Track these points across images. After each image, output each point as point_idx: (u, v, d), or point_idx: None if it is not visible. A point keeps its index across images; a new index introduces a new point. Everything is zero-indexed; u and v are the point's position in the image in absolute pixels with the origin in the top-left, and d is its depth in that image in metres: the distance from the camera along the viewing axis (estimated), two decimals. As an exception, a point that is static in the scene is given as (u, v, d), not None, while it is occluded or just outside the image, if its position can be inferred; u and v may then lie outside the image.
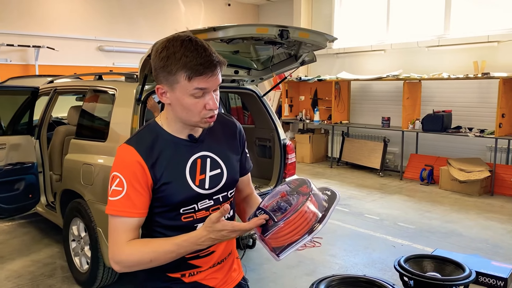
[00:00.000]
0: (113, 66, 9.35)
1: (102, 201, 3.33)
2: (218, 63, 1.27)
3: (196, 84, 1.26)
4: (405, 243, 4.76)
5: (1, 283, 3.78)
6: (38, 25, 8.47)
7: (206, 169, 1.40)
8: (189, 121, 1.35)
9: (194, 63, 1.23)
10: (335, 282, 1.53)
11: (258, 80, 4.15)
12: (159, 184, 1.32)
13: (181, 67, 1.24)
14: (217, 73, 1.28)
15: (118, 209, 1.29)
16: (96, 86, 3.91)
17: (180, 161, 1.37)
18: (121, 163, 1.31)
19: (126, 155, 1.32)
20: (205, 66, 1.24)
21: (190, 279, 1.42)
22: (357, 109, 9.53)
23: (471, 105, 7.58)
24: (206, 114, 1.32)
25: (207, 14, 10.98)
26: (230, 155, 1.50)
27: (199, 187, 1.38)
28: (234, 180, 1.50)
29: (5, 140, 3.93)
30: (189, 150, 1.40)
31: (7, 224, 5.33)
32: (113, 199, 1.29)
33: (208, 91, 1.30)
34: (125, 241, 1.29)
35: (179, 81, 1.26)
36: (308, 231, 1.21)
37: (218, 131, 1.49)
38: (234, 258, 1.57)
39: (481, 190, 6.82)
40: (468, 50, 7.54)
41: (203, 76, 1.25)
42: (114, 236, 1.30)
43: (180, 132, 1.39)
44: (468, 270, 2.31)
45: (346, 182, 7.85)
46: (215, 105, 1.31)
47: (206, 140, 1.44)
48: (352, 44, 9.53)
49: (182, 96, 1.29)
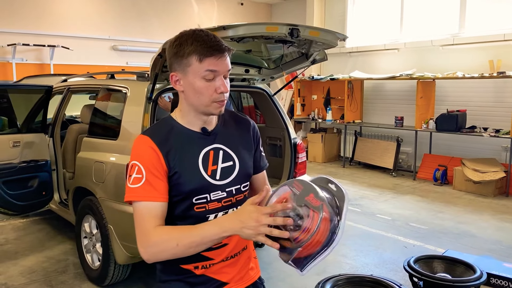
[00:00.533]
0: (127, 65, 9.44)
1: (113, 198, 3.36)
2: (226, 48, 1.36)
3: (206, 65, 1.33)
4: (417, 244, 4.71)
5: (15, 278, 3.85)
6: (53, 25, 8.59)
7: (218, 160, 1.44)
8: (201, 107, 1.39)
9: (204, 46, 1.32)
10: (341, 282, 1.53)
11: (269, 79, 4.14)
12: (173, 172, 1.36)
13: (193, 49, 1.33)
14: (225, 57, 1.36)
15: (141, 195, 1.32)
16: (108, 85, 3.95)
17: (193, 152, 1.41)
18: (138, 152, 1.37)
19: (142, 144, 1.37)
20: (214, 48, 1.33)
21: (202, 272, 1.43)
22: (370, 109, 9.46)
23: (486, 105, 7.46)
24: (217, 97, 1.37)
25: (220, 13, 11.00)
26: (243, 150, 1.53)
27: (211, 177, 1.41)
28: (246, 174, 1.52)
29: (20, 138, 3.99)
30: (202, 142, 1.44)
31: (21, 221, 5.42)
32: (135, 186, 1.33)
33: (219, 74, 1.36)
34: (152, 227, 1.30)
35: (191, 64, 1.34)
36: (326, 242, 1.17)
37: (232, 127, 1.54)
38: (250, 256, 1.57)
39: (496, 191, 6.71)
40: (484, 48, 7.43)
41: (213, 57, 1.33)
42: (140, 223, 1.32)
43: (193, 124, 1.44)
44: (479, 271, 2.27)
45: (358, 182, 7.80)
46: (225, 88, 1.37)
47: (219, 134, 1.48)
48: (365, 43, 9.46)
49: (194, 80, 1.35)
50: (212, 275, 1.45)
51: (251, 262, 1.57)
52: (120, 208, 3.28)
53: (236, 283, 1.49)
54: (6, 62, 8.11)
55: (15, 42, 7.92)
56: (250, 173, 1.54)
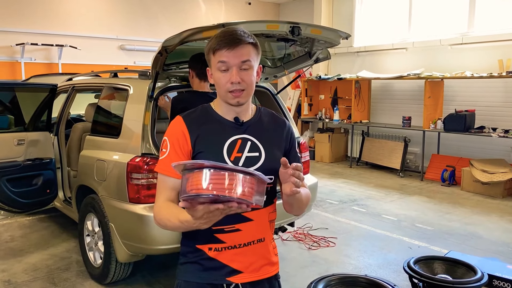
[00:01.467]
0: (134, 64, 9.48)
1: (115, 197, 3.37)
2: (242, 41, 1.43)
3: (218, 57, 1.44)
4: (422, 245, 4.65)
5: (18, 275, 3.88)
6: (61, 25, 8.65)
7: (244, 149, 1.50)
8: (222, 97, 1.50)
9: (217, 40, 1.44)
10: (334, 282, 1.50)
11: (272, 77, 4.12)
12: (196, 152, 1.48)
13: (210, 45, 1.46)
14: (238, 48, 1.43)
15: (161, 167, 1.49)
16: (111, 84, 3.96)
17: (221, 137, 1.50)
18: (170, 129, 1.53)
19: (174, 123, 1.53)
20: (225, 42, 1.42)
21: (214, 255, 1.48)
22: (377, 108, 9.38)
23: (495, 105, 7.36)
24: (229, 87, 1.45)
25: (228, 13, 11.00)
26: (273, 145, 1.57)
27: (232, 163, 1.47)
28: (271, 167, 1.50)
29: (24, 136, 4.02)
30: (233, 130, 1.52)
31: (28, 218, 5.46)
32: (160, 159, 1.50)
33: (230, 65, 1.44)
34: (163, 199, 1.46)
35: (210, 58, 1.48)
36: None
37: (267, 124, 1.60)
38: (269, 250, 1.56)
39: (505, 192, 6.61)
40: (493, 48, 7.32)
41: (224, 50, 1.42)
42: (156, 195, 1.49)
43: (226, 113, 1.53)
44: (480, 273, 2.23)
45: (365, 182, 7.74)
46: (236, 78, 1.43)
47: (252, 126, 1.55)
48: (373, 43, 9.39)
49: (214, 72, 1.48)
50: (224, 261, 1.48)
51: (270, 257, 1.57)
52: (121, 206, 3.28)
53: (249, 274, 1.50)
54: (15, 62, 8.19)
55: (24, 41, 7.99)
56: (275, 168, 1.49)
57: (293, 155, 1.63)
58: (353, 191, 7.07)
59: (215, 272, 1.49)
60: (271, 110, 1.69)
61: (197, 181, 1.13)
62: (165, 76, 3.40)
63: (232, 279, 1.49)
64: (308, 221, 5.25)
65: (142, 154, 3.21)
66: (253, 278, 1.51)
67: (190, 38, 2.83)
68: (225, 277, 1.49)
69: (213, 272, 1.49)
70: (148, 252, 3.35)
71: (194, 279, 1.51)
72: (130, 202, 3.19)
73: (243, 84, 1.45)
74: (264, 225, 1.53)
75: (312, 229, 5.07)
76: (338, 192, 7.00)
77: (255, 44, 1.47)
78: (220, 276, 1.49)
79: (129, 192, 3.18)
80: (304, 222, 5.21)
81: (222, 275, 1.49)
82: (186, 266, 1.53)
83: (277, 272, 1.62)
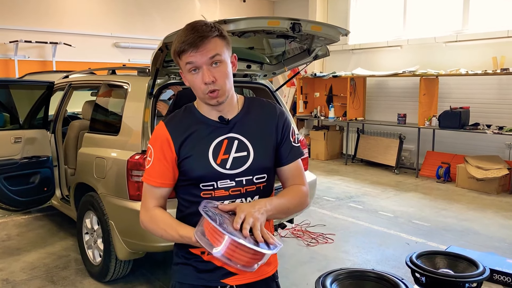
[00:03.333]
0: (129, 62, 9.42)
1: (114, 194, 3.35)
2: (204, 36, 1.33)
3: (185, 59, 1.36)
4: (419, 241, 4.68)
5: (17, 274, 3.85)
6: (55, 22, 8.57)
7: (231, 150, 1.44)
8: (201, 99, 1.44)
9: (180, 41, 1.35)
10: (342, 276, 1.51)
11: (271, 74, 4.12)
12: (182, 158, 1.43)
13: (173, 49, 1.38)
14: (202, 46, 1.34)
15: (146, 177, 1.47)
16: (109, 81, 3.94)
17: (206, 140, 1.44)
18: (153, 136, 1.49)
19: (158, 130, 1.48)
20: (188, 42, 1.33)
21: (209, 258, 1.45)
22: (372, 106, 9.42)
23: (489, 102, 7.42)
24: (205, 89, 1.38)
25: (223, 11, 10.97)
26: (263, 140, 1.48)
27: (219, 166, 1.43)
28: (261, 166, 1.47)
29: (21, 134, 3.99)
30: (218, 131, 1.45)
31: (23, 217, 5.42)
32: (146, 168, 1.48)
33: (199, 64, 1.36)
34: (150, 207, 1.46)
35: (178, 62, 1.40)
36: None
37: (255, 117, 1.51)
38: None
39: (499, 188, 6.67)
40: (487, 45, 7.38)
41: (188, 52, 1.34)
42: (143, 200, 1.49)
43: (209, 113, 1.47)
44: (482, 267, 2.25)
45: (360, 179, 7.77)
46: (209, 78, 1.36)
47: (239, 123, 1.47)
48: (368, 40, 9.41)
49: (186, 75, 1.41)
50: (218, 264, 1.45)
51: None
52: (121, 203, 3.27)
53: (244, 275, 1.47)
54: (9, 59, 8.11)
55: (17, 39, 7.91)
56: (266, 166, 1.48)
57: (286, 145, 1.51)
58: (349, 188, 7.09)
59: (210, 274, 1.47)
60: (260, 98, 1.61)
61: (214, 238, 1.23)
62: (165, 73, 3.38)
63: (227, 281, 1.46)
64: (306, 218, 5.26)
65: (142, 151, 3.20)
66: (249, 279, 1.48)
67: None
68: (219, 279, 1.46)
69: (208, 274, 1.47)
70: (148, 250, 3.34)
71: (188, 281, 1.49)
72: (130, 199, 3.18)
73: (218, 83, 1.37)
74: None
75: (310, 226, 5.09)
76: (335, 189, 7.02)
77: (221, 35, 1.37)
78: (215, 279, 1.47)
79: (129, 190, 3.17)
80: (302, 219, 5.23)
81: (217, 277, 1.46)
82: (180, 267, 1.51)
83: (274, 273, 1.58)
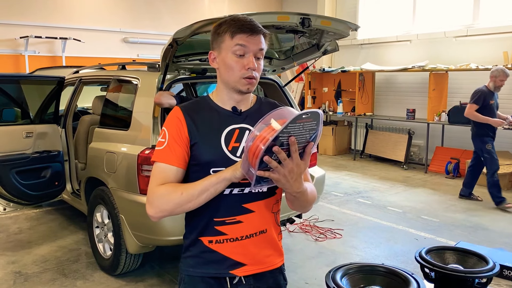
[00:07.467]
0: (137, 57, 9.46)
1: (125, 188, 3.39)
2: (260, 30, 1.44)
3: (237, 40, 1.41)
4: (428, 236, 4.67)
5: (29, 266, 3.91)
6: (65, 18, 8.63)
7: (242, 139, 1.47)
8: (231, 82, 1.46)
9: (237, 24, 1.42)
10: (352, 270, 1.51)
11: (280, 69, 4.12)
12: (194, 141, 1.46)
13: (227, 27, 1.43)
14: (257, 36, 1.43)
15: (159, 157, 1.46)
16: (119, 76, 3.96)
17: (219, 127, 1.48)
18: (168, 120, 1.51)
19: (173, 113, 1.51)
20: (246, 26, 1.42)
21: (216, 247, 1.46)
22: (381, 101, 9.37)
23: (500, 97, 7.33)
24: (245, 73, 1.43)
25: (231, 5, 10.96)
26: None
27: (230, 152, 1.46)
28: None
29: (32, 129, 4.03)
30: (231, 120, 1.50)
31: (35, 211, 5.49)
32: (158, 149, 1.48)
33: (249, 51, 1.43)
34: (160, 185, 1.43)
35: (224, 40, 1.44)
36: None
37: (266, 112, 1.50)
38: (272, 242, 1.54)
39: (509, 184, 6.63)
40: (498, 40, 7.30)
41: (244, 34, 1.41)
42: (151, 181, 1.45)
43: (225, 103, 1.51)
44: (491, 263, 2.24)
45: (369, 174, 7.76)
46: (254, 65, 1.43)
47: (250, 116, 1.51)
48: (377, 35, 9.36)
49: (226, 55, 1.44)
50: (226, 254, 1.46)
51: (274, 248, 1.55)
52: (131, 198, 3.30)
53: (252, 266, 1.48)
54: (19, 55, 8.19)
55: (28, 34, 7.98)
56: None
57: None
58: (357, 183, 7.08)
59: (218, 265, 1.47)
60: (273, 100, 1.65)
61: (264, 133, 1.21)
62: (174, 68, 3.40)
63: (235, 272, 1.47)
64: (314, 213, 5.27)
65: (152, 146, 3.22)
66: (257, 270, 1.50)
67: (201, 30, 2.84)
68: (228, 270, 1.47)
69: (216, 265, 1.47)
70: (158, 243, 3.38)
71: (197, 273, 1.50)
72: (140, 193, 3.21)
73: (256, 72, 1.45)
74: (267, 216, 1.51)
75: (318, 221, 5.10)
76: (343, 184, 7.01)
77: (265, 36, 1.48)
78: (223, 269, 1.47)
79: (140, 184, 3.20)
80: (310, 214, 5.23)
81: (225, 268, 1.47)
82: (189, 260, 1.52)
83: (282, 264, 1.59)
